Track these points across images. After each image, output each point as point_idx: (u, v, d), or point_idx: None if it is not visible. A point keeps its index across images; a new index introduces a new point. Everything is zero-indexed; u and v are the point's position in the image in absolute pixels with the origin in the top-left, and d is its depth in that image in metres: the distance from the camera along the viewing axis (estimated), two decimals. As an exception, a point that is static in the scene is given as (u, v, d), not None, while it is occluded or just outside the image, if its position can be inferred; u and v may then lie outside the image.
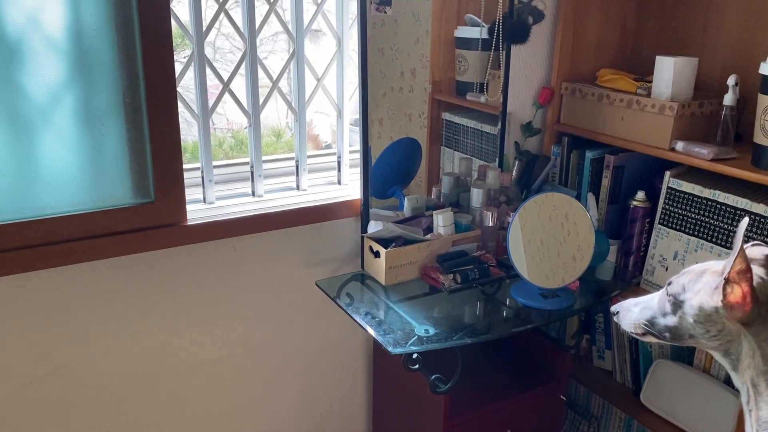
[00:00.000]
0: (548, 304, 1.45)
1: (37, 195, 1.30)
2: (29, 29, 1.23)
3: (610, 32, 1.84)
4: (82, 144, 1.32)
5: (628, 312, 1.04)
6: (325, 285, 1.54)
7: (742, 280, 0.85)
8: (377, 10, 1.50)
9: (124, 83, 1.32)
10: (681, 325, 0.93)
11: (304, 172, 1.67)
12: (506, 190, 1.70)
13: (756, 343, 0.86)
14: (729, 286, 0.86)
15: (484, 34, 1.68)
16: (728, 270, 0.85)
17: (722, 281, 0.86)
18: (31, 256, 1.29)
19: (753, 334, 0.87)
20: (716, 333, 0.89)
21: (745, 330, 0.87)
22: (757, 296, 0.86)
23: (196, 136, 1.60)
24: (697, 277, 0.94)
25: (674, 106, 1.53)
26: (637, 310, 1.02)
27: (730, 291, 0.86)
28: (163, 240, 1.40)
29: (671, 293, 0.96)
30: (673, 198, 1.59)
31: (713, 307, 0.88)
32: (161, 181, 1.37)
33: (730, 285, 0.86)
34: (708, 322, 0.90)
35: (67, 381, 1.40)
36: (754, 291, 0.86)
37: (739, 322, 0.87)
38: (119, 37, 1.30)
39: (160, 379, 1.51)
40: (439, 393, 1.37)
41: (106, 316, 1.41)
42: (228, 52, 2.30)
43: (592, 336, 1.86)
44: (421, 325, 1.36)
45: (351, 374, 1.82)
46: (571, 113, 1.81)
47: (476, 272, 1.50)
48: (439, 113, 1.74)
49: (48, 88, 1.27)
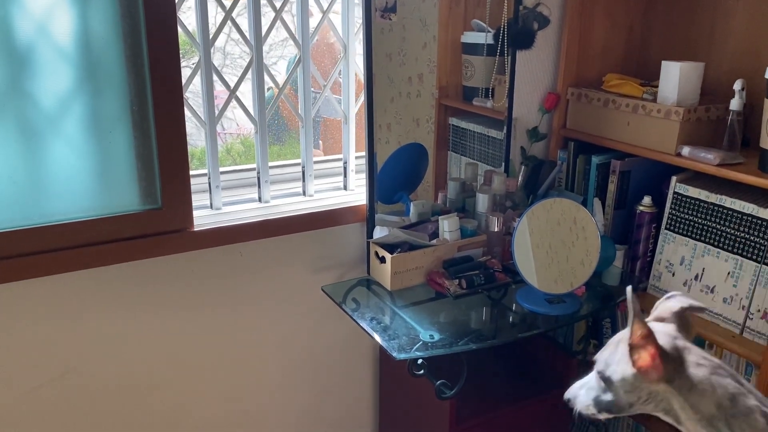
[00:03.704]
0: (554, 310, 1.45)
1: (46, 202, 1.32)
2: (38, 38, 1.24)
3: (617, 37, 1.84)
4: (90, 151, 1.34)
5: (577, 396, 1.02)
6: (330, 290, 1.55)
7: (647, 344, 0.86)
8: (382, 17, 1.51)
9: (131, 91, 1.33)
10: (617, 399, 0.92)
11: (310, 177, 1.68)
12: (512, 195, 1.70)
13: (682, 396, 0.87)
14: (635, 352, 0.87)
15: (490, 39, 1.68)
16: (629, 337, 0.86)
17: (627, 349, 0.87)
18: (40, 261, 1.30)
19: (676, 389, 0.87)
20: (647, 398, 0.89)
21: (669, 387, 0.87)
22: (667, 353, 0.86)
23: (204, 142, 1.62)
24: (615, 348, 0.94)
25: (680, 111, 1.53)
26: (583, 392, 1.00)
27: (638, 357, 0.87)
28: (170, 246, 1.41)
29: (599, 371, 0.96)
30: (679, 203, 1.58)
31: (631, 374, 0.89)
32: (168, 187, 1.39)
33: (636, 351, 0.87)
34: (635, 390, 0.89)
35: (74, 385, 1.41)
36: (662, 350, 0.86)
37: (660, 382, 0.87)
38: (126, 45, 1.31)
39: (167, 383, 1.52)
40: (444, 398, 1.37)
41: (113, 321, 1.42)
42: (238, 58, 2.32)
43: (599, 341, 1.86)
44: (426, 330, 1.36)
45: (357, 379, 1.82)
46: (577, 118, 1.81)
47: (482, 278, 1.50)
48: (446, 118, 1.75)
49: (57, 96, 1.28)
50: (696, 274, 1.55)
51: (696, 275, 1.56)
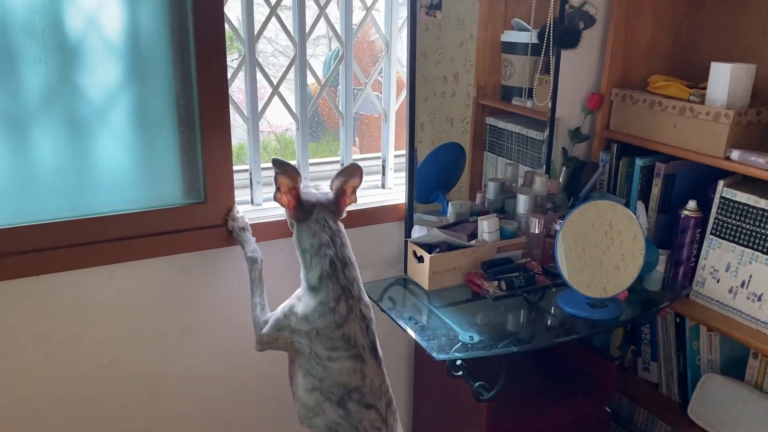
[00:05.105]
0: (596, 314, 1.42)
1: (92, 193, 1.34)
2: (89, 31, 1.26)
3: (663, 37, 1.80)
4: (137, 145, 1.35)
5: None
6: (367, 289, 1.54)
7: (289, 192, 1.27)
8: (427, 14, 1.50)
9: (177, 86, 1.34)
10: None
11: (349, 175, 1.67)
12: (553, 197, 1.68)
13: (299, 230, 1.29)
14: (278, 194, 1.27)
15: (533, 38, 1.66)
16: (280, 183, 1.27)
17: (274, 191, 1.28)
18: (85, 252, 1.32)
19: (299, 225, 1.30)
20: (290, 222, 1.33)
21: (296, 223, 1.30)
22: (302, 204, 1.28)
23: (240, 138, 1.62)
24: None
25: (730, 114, 1.49)
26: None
27: (280, 197, 1.27)
28: (212, 240, 1.42)
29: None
30: (726, 208, 1.54)
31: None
32: (212, 182, 1.40)
33: (279, 193, 1.27)
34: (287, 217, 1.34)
35: (115, 377, 1.43)
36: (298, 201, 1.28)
37: (292, 218, 1.31)
38: (174, 40, 1.32)
39: (210, 376, 1.54)
40: (482, 401, 1.36)
41: (155, 313, 1.44)
42: (270, 56, 2.32)
43: (637, 347, 1.83)
44: (465, 331, 1.35)
45: (392, 379, 1.80)
46: (620, 120, 1.77)
47: (522, 280, 1.48)
48: (483, 118, 1.73)
49: (105, 89, 1.30)
50: (743, 281, 1.52)
51: (742, 282, 1.52)
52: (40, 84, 1.24)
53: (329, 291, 1.24)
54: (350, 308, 1.26)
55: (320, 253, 1.25)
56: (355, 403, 1.26)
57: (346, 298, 1.25)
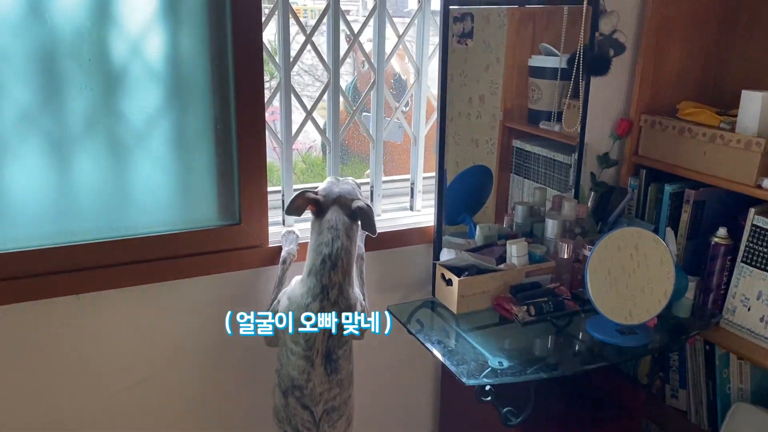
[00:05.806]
0: (625, 341, 1.42)
1: (131, 214, 1.37)
2: (132, 59, 1.30)
3: (692, 64, 1.81)
4: (175, 167, 1.39)
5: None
6: (395, 311, 1.56)
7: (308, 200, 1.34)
8: (458, 43, 1.53)
9: (216, 110, 1.38)
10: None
11: (378, 197, 1.70)
12: (581, 221, 1.68)
13: (311, 223, 1.36)
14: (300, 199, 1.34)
15: (563, 63, 1.68)
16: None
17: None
18: (123, 272, 1.36)
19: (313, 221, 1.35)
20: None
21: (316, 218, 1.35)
22: (320, 203, 1.33)
23: (269, 157, 1.65)
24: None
25: (761, 142, 1.49)
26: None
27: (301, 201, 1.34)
28: (247, 261, 1.45)
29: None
30: (757, 236, 1.54)
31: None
32: (247, 204, 1.43)
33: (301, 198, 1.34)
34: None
35: (151, 394, 1.46)
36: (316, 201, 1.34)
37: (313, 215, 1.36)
38: (214, 65, 1.36)
39: (246, 392, 1.55)
40: (510, 426, 1.36)
41: (191, 332, 1.47)
42: (295, 74, 2.36)
43: (665, 374, 1.81)
44: (494, 357, 1.35)
45: (417, 401, 1.82)
46: (650, 145, 1.78)
47: (551, 305, 1.48)
48: (510, 140, 1.74)
49: (146, 114, 1.34)
50: (774, 310, 1.51)
51: (774, 311, 1.51)
52: (85, 109, 1.28)
53: (312, 286, 1.29)
54: (322, 309, 1.28)
55: (318, 249, 1.31)
56: (295, 399, 1.32)
57: (321, 299, 1.28)
